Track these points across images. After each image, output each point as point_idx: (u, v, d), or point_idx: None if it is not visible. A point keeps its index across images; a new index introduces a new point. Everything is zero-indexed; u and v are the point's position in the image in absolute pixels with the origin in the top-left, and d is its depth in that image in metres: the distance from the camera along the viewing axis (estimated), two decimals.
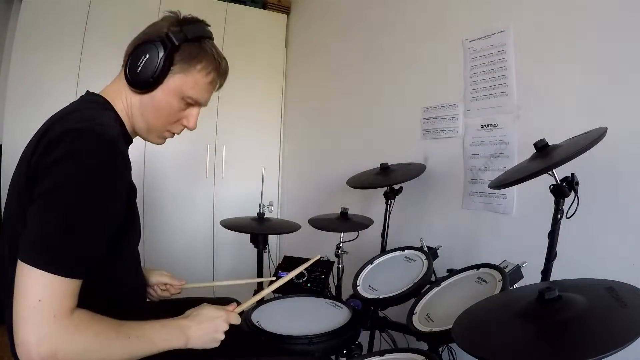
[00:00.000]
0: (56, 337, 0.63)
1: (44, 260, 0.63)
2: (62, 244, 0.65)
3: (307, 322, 1.10)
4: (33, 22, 2.21)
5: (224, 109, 2.72)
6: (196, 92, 0.87)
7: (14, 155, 2.12)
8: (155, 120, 0.87)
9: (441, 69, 1.73)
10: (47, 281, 0.63)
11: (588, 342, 0.59)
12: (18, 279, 0.63)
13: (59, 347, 0.62)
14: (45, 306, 0.63)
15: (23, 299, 0.62)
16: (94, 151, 0.68)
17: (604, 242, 1.17)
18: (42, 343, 0.61)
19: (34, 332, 0.61)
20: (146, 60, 0.80)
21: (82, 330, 0.65)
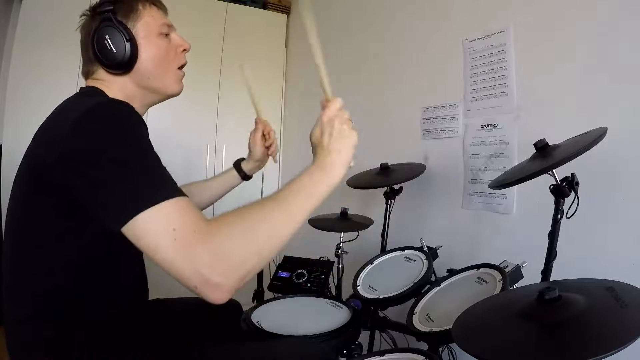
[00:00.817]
0: (212, 246, 0.58)
1: (149, 197, 0.60)
2: (149, 178, 0.63)
3: (307, 322, 1.10)
4: (33, 22, 2.21)
5: (224, 109, 2.72)
6: (158, 20, 0.88)
7: (14, 155, 2.14)
8: (161, 71, 0.88)
9: (441, 69, 1.73)
10: (168, 209, 0.60)
11: (588, 342, 0.59)
12: (140, 236, 0.59)
13: (223, 253, 0.58)
14: (183, 228, 0.58)
15: (160, 241, 0.58)
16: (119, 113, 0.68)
17: (604, 242, 1.17)
18: (213, 263, 0.57)
19: (199, 259, 0.57)
20: (111, 40, 0.81)
21: (228, 222, 0.61)
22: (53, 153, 0.66)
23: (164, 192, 0.62)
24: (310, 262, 1.56)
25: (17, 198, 0.77)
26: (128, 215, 0.59)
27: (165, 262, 0.58)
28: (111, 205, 0.62)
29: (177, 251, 0.57)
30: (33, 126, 0.80)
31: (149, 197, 0.60)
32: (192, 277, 0.57)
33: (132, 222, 0.59)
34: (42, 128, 0.78)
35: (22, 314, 0.74)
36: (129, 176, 0.62)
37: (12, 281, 0.76)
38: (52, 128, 0.73)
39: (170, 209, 0.60)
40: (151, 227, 0.59)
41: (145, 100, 0.90)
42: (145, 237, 0.59)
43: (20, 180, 0.77)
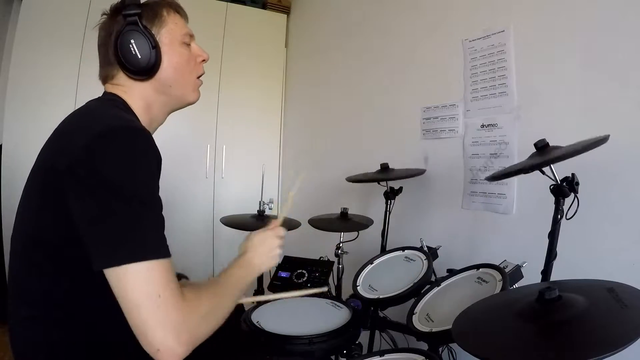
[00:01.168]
0: (184, 319, 0.63)
1: (145, 252, 0.63)
2: (147, 231, 0.65)
3: (307, 322, 1.10)
4: (33, 22, 2.21)
5: (224, 109, 2.72)
6: (182, 29, 0.89)
7: (14, 155, 2.14)
8: (182, 79, 0.89)
9: (441, 69, 1.73)
10: (157, 272, 0.63)
11: (588, 343, 0.59)
12: (124, 286, 0.62)
13: (192, 329, 0.64)
14: (166, 297, 0.62)
15: (144, 303, 0.61)
16: (134, 144, 0.69)
17: (603, 242, 1.17)
18: (180, 335, 0.62)
19: (169, 329, 0.61)
20: (136, 45, 0.80)
21: (196, 304, 0.67)
22: (64, 161, 0.67)
23: (160, 250, 0.65)
24: (310, 262, 1.56)
25: (29, 199, 0.77)
26: (118, 261, 0.61)
27: (140, 320, 0.61)
28: (103, 242, 0.63)
29: (156, 318, 0.61)
30: (33, 126, 0.80)
31: (145, 250, 0.63)
32: (158, 342, 0.61)
33: (120, 269, 0.61)
34: (61, 130, 0.78)
35: (26, 314, 0.74)
36: (129, 220, 0.64)
37: (17, 282, 0.76)
38: (71, 135, 0.73)
39: (161, 271, 0.63)
40: (139, 284, 0.62)
41: (165, 107, 0.90)
42: (130, 290, 0.61)
43: (33, 181, 0.77)
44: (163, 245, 0.66)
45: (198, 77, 0.94)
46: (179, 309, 0.63)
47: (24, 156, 0.83)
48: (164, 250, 0.66)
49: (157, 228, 0.67)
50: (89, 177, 0.65)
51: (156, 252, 0.64)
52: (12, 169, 2.11)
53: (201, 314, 0.67)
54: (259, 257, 0.87)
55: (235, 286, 0.79)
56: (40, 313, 0.73)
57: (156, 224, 0.68)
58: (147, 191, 0.68)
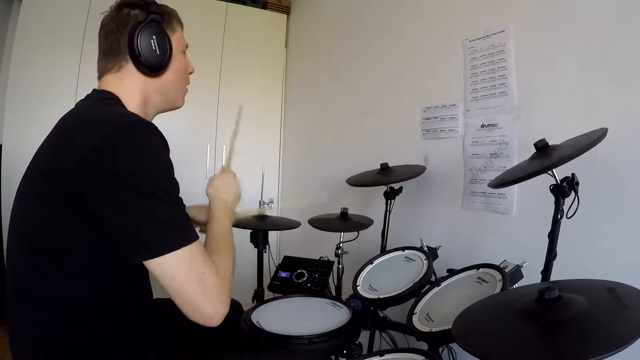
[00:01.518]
0: (224, 285, 0.74)
1: (182, 238, 0.69)
2: (176, 218, 0.71)
3: (307, 322, 1.10)
4: (33, 22, 2.21)
5: (224, 109, 2.72)
6: (183, 40, 0.96)
7: (14, 155, 2.14)
8: (180, 84, 0.96)
9: (441, 69, 1.73)
10: (195, 252, 0.70)
11: (588, 343, 0.59)
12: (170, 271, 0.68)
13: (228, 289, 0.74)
14: (208, 272, 0.71)
15: (191, 283, 0.69)
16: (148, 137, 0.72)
17: (604, 242, 1.17)
18: (223, 298, 0.72)
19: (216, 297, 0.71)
20: (157, 41, 0.84)
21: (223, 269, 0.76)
22: (76, 165, 0.67)
23: (192, 233, 0.72)
24: (310, 262, 1.56)
25: (27, 202, 0.76)
26: (158, 252, 0.67)
27: (190, 297, 0.69)
28: (141, 236, 0.67)
29: (203, 293, 0.70)
30: (33, 126, 0.80)
31: (182, 236, 0.70)
32: (211, 311, 0.70)
33: (161, 259, 0.67)
34: (60, 133, 0.78)
35: (26, 317, 0.74)
36: (160, 210, 0.68)
37: (17, 285, 0.76)
38: (74, 137, 0.73)
39: (197, 253, 0.71)
40: (183, 268, 0.68)
41: (157, 107, 0.94)
42: (177, 274, 0.68)
43: (32, 184, 0.77)
44: (193, 228, 0.73)
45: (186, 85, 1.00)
46: (217, 279, 0.72)
47: (24, 156, 0.83)
48: (194, 232, 0.73)
49: (184, 213, 0.74)
50: (110, 177, 0.67)
51: (191, 236, 0.71)
52: (12, 169, 2.11)
53: (229, 274, 0.78)
54: (231, 196, 0.97)
55: (230, 231, 0.90)
56: (40, 316, 0.73)
57: (182, 208, 0.74)
58: (169, 179, 0.73)
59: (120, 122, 0.71)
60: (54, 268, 0.72)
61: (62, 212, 0.70)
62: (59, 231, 0.71)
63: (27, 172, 0.80)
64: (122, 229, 0.68)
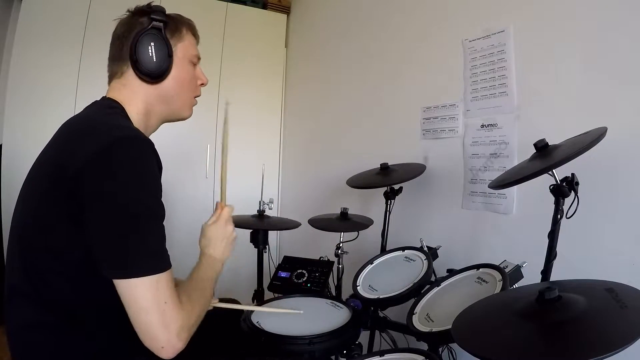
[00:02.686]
0: (183, 321, 0.72)
1: (154, 265, 0.70)
2: (155, 244, 0.72)
3: (307, 322, 1.10)
4: (33, 22, 2.21)
5: (224, 108, 2.72)
6: (195, 50, 0.96)
7: (14, 155, 2.14)
8: (183, 94, 0.94)
9: (441, 69, 1.73)
10: (163, 282, 0.70)
11: (588, 343, 0.59)
12: (134, 294, 0.68)
13: (188, 325, 0.73)
14: (170, 303, 0.71)
15: (152, 309, 0.68)
16: (143, 155, 0.72)
17: (604, 242, 1.17)
18: (180, 333, 0.71)
19: (173, 330, 0.70)
20: (155, 48, 0.84)
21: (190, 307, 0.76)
22: (74, 168, 0.68)
23: (166, 262, 0.72)
24: (310, 262, 1.56)
25: (29, 204, 0.77)
26: (129, 273, 0.67)
27: (147, 323, 0.69)
28: (115, 254, 0.68)
29: (161, 321, 0.69)
30: (33, 126, 0.80)
31: (154, 263, 0.70)
32: (164, 341, 0.70)
33: (130, 281, 0.68)
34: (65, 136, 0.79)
35: (26, 319, 0.74)
36: (139, 233, 0.69)
37: (17, 286, 0.75)
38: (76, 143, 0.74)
39: (165, 283, 0.71)
40: (147, 293, 0.68)
41: (161, 116, 0.94)
42: (140, 298, 0.68)
43: (34, 187, 0.77)
44: (167, 257, 0.73)
45: (195, 96, 1.00)
46: (180, 313, 0.72)
47: (24, 156, 0.83)
48: (168, 261, 0.73)
49: (162, 240, 0.73)
50: (99, 188, 0.68)
51: (163, 265, 0.71)
52: (12, 169, 2.11)
53: (194, 315, 0.76)
54: (219, 250, 0.94)
55: (210, 284, 0.88)
56: (40, 318, 0.73)
57: (162, 235, 0.73)
58: (155, 203, 0.72)
59: (117, 136, 0.71)
60: (53, 270, 0.72)
61: (61, 214, 0.70)
62: (57, 233, 0.71)
63: (30, 173, 0.80)
64: (99, 242, 0.69)
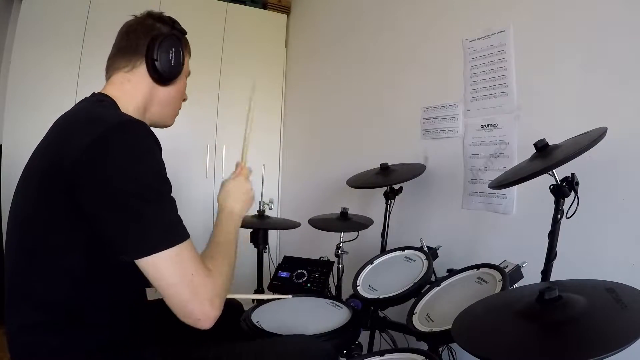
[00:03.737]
0: (214, 289, 0.72)
1: (171, 238, 0.69)
2: (168, 218, 0.71)
3: (307, 322, 1.10)
4: (33, 22, 2.21)
5: (224, 109, 2.72)
6: (188, 68, 1.00)
7: (14, 155, 2.14)
8: (176, 103, 0.98)
9: (441, 69, 1.73)
10: (185, 252, 0.70)
11: (588, 343, 0.59)
12: (160, 271, 0.68)
13: (218, 292, 0.73)
14: (198, 274, 0.70)
15: (181, 283, 0.68)
16: (139, 136, 0.72)
17: (603, 242, 1.17)
18: (213, 301, 0.71)
19: (205, 300, 0.70)
20: (175, 53, 0.89)
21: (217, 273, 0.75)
22: (70, 164, 0.68)
23: (183, 232, 0.72)
24: (310, 262, 1.57)
25: (25, 201, 0.76)
26: (149, 251, 0.67)
27: (179, 297, 0.69)
28: (131, 236, 0.68)
29: (192, 294, 0.69)
30: (33, 126, 0.80)
31: (171, 236, 0.69)
32: (198, 313, 0.70)
33: (152, 258, 0.67)
34: (57, 136, 0.78)
35: (25, 319, 0.73)
36: (149, 210, 0.68)
37: (15, 285, 0.75)
38: (71, 136, 0.73)
39: (187, 253, 0.70)
40: (171, 267, 0.68)
41: (152, 117, 0.94)
42: (167, 273, 0.68)
43: (29, 183, 0.77)
44: (183, 227, 0.73)
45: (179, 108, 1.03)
46: (208, 281, 0.72)
47: (24, 156, 0.83)
48: (186, 231, 0.73)
49: (175, 211, 0.73)
50: (99, 175, 0.67)
51: (182, 235, 0.71)
52: (12, 169, 2.11)
53: (223, 279, 0.76)
54: (240, 203, 0.95)
55: (233, 239, 0.88)
56: (39, 317, 0.73)
57: (174, 207, 0.74)
58: (161, 178, 0.73)
59: (112, 122, 0.72)
60: (51, 268, 0.72)
61: (59, 211, 0.70)
62: (55, 230, 0.71)
63: (24, 172, 0.80)
64: (112, 228, 0.68)
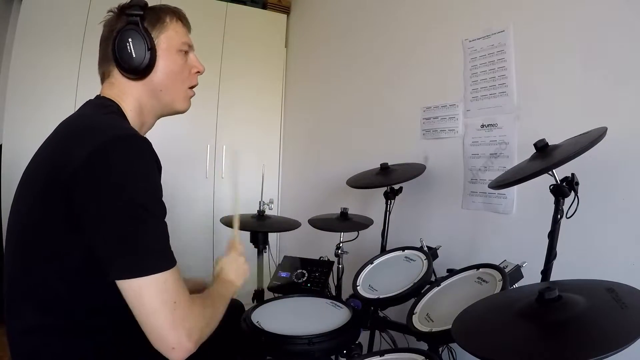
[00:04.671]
0: (195, 321, 0.70)
1: (160, 263, 0.67)
2: (158, 243, 0.69)
3: (307, 322, 1.10)
4: (33, 22, 2.21)
5: (224, 109, 2.72)
6: (183, 37, 0.91)
7: (14, 155, 2.14)
8: (174, 86, 0.90)
9: (441, 69, 1.73)
10: (170, 279, 0.68)
11: (588, 343, 0.59)
12: (141, 296, 0.65)
13: (199, 327, 0.71)
14: (180, 303, 0.68)
15: (161, 310, 0.66)
16: (140, 154, 0.71)
17: (603, 242, 1.17)
18: (192, 334, 0.68)
19: (183, 330, 0.67)
20: (133, 44, 0.82)
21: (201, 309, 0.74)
22: (69, 174, 0.67)
23: (171, 259, 0.70)
24: (310, 262, 1.56)
25: (25, 204, 0.76)
26: (131, 274, 0.65)
27: (157, 324, 0.66)
28: (118, 255, 0.66)
29: (171, 321, 0.66)
30: (33, 126, 0.80)
31: (157, 262, 0.67)
32: (173, 342, 0.67)
33: (137, 281, 0.65)
34: (61, 136, 0.78)
35: (26, 323, 0.73)
36: (140, 232, 0.67)
37: (16, 289, 0.75)
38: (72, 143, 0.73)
39: (174, 280, 0.69)
40: (156, 293, 0.66)
41: (154, 111, 0.91)
42: (147, 299, 0.66)
43: (30, 187, 0.76)
44: (171, 254, 0.71)
45: (191, 87, 0.95)
46: (191, 313, 0.70)
47: (24, 156, 0.83)
48: (173, 258, 0.71)
49: (166, 237, 0.71)
50: (96, 189, 0.66)
51: (168, 262, 0.69)
52: (12, 169, 2.11)
53: (206, 318, 0.74)
54: (233, 275, 0.96)
55: (224, 297, 0.87)
56: (40, 321, 0.72)
57: (165, 233, 0.71)
58: (155, 201, 0.71)
59: (113, 136, 0.70)
60: (52, 271, 0.71)
61: (58, 218, 0.69)
62: (55, 235, 0.70)
63: (24, 175, 0.79)
64: (100, 243, 0.67)
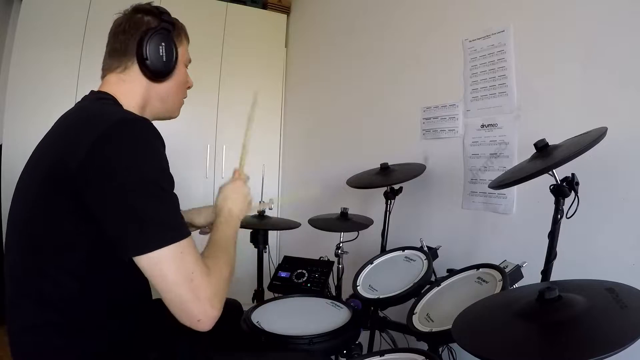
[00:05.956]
0: (214, 288, 0.71)
1: (174, 235, 0.68)
2: (170, 215, 0.70)
3: (307, 322, 1.10)
4: (33, 22, 2.21)
5: (224, 109, 2.72)
6: (187, 54, 0.99)
7: (14, 155, 2.14)
8: (177, 95, 0.97)
9: (441, 69, 1.73)
10: (186, 250, 0.69)
11: (588, 343, 0.59)
12: (160, 269, 0.66)
13: (221, 294, 0.73)
14: (198, 273, 0.69)
15: (180, 282, 0.67)
16: (143, 133, 0.72)
17: (603, 242, 1.17)
18: (213, 301, 0.70)
19: (205, 300, 0.69)
20: (165, 48, 0.87)
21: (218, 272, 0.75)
22: (75, 162, 0.68)
23: (185, 230, 0.71)
24: (310, 262, 1.57)
25: (27, 200, 0.76)
26: (151, 247, 0.66)
27: (179, 297, 0.67)
28: (133, 232, 0.67)
29: (193, 292, 0.68)
30: (33, 126, 0.80)
31: (171, 234, 0.68)
32: (199, 313, 0.68)
33: (150, 256, 0.66)
34: (60, 134, 0.78)
35: (27, 320, 0.73)
36: (151, 207, 0.68)
37: (16, 286, 0.75)
38: (74, 134, 0.73)
39: (188, 251, 0.69)
40: (173, 266, 0.67)
41: (155, 113, 0.94)
42: (166, 272, 0.67)
43: (32, 182, 0.76)
44: (185, 225, 0.72)
45: (184, 97, 1.02)
46: (209, 280, 0.71)
47: (24, 156, 0.83)
48: (187, 229, 0.72)
49: (177, 209, 0.73)
50: (103, 171, 0.67)
51: (182, 234, 0.70)
52: (12, 169, 2.11)
53: (222, 279, 0.75)
54: (237, 206, 0.96)
55: (232, 241, 0.88)
56: (40, 319, 0.72)
57: (176, 205, 0.73)
58: (164, 175, 0.72)
59: (116, 119, 0.72)
60: (54, 268, 0.71)
61: (62, 213, 0.70)
62: (59, 229, 0.71)
63: (24, 171, 0.79)
64: (114, 224, 0.68)
